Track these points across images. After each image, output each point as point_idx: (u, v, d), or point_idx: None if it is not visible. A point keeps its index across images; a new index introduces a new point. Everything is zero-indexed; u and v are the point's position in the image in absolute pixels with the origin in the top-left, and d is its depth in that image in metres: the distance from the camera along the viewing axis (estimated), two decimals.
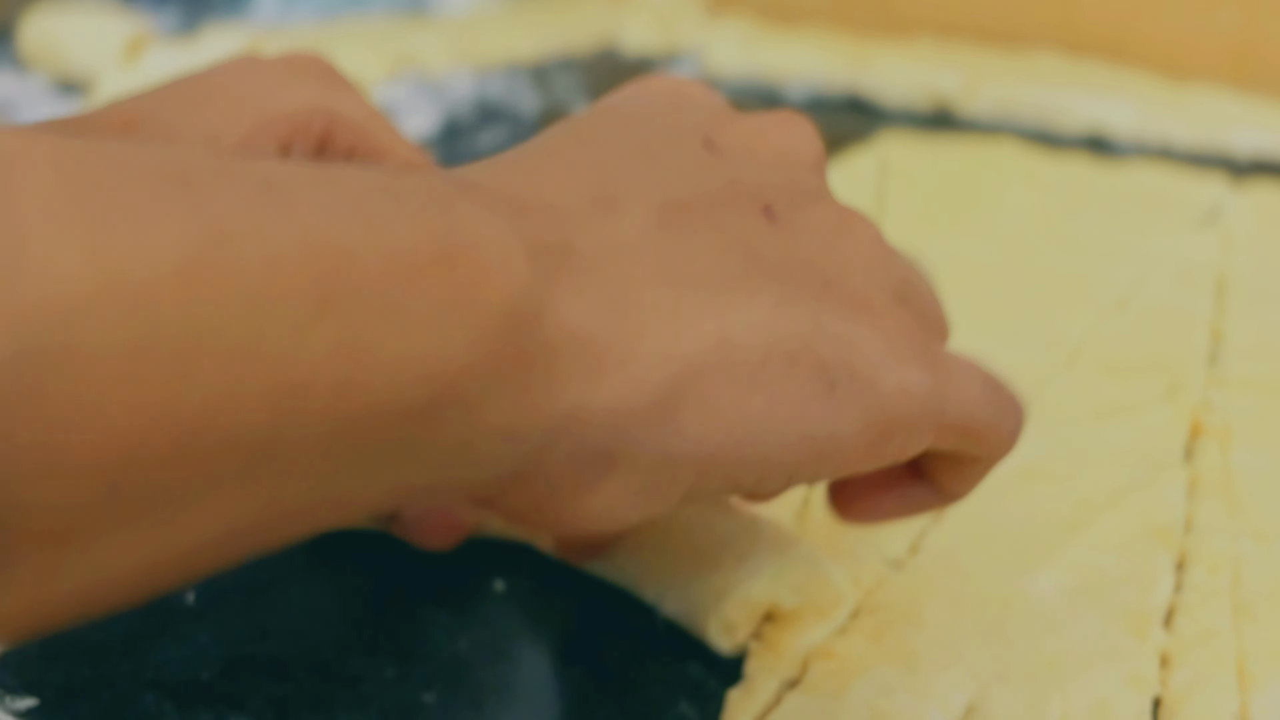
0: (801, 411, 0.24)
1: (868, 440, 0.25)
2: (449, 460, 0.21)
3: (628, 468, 0.23)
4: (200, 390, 0.17)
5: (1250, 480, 0.38)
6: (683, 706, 0.31)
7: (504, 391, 0.21)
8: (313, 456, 0.19)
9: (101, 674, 0.32)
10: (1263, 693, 0.31)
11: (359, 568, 0.36)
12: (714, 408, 0.23)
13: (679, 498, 0.25)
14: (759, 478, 0.25)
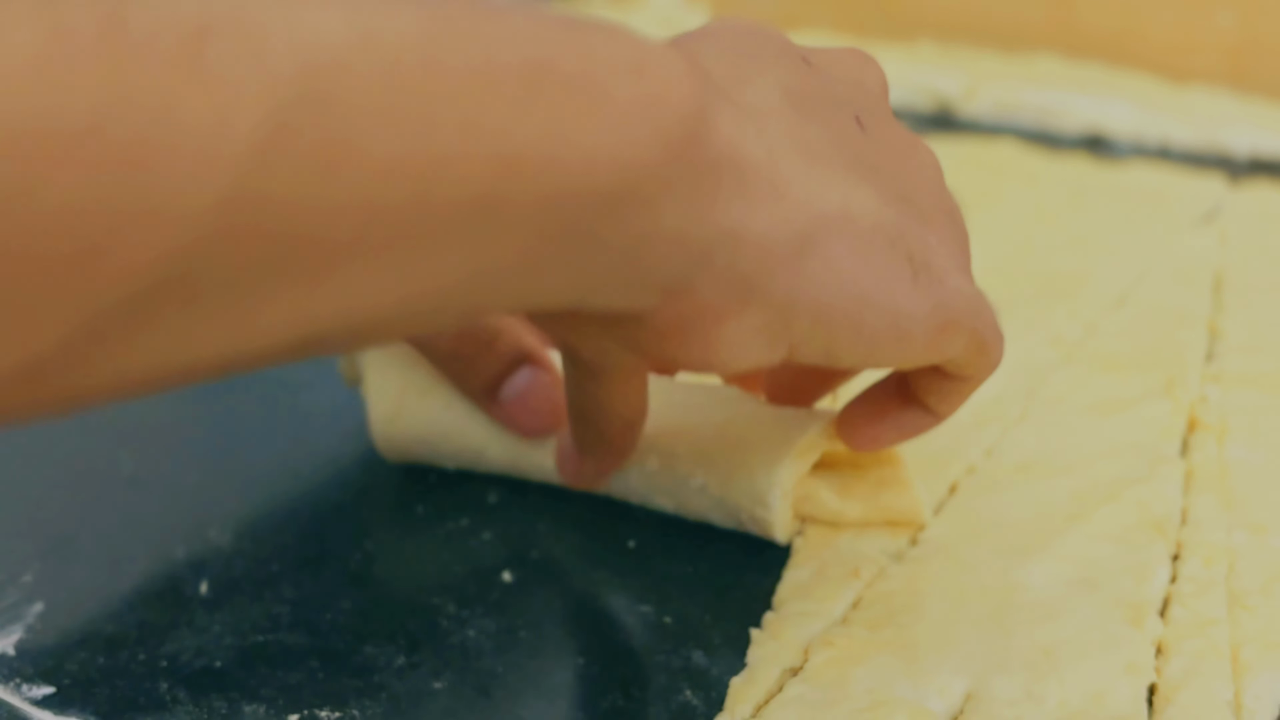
0: (893, 288, 0.27)
1: (931, 329, 0.28)
2: (624, 257, 0.24)
3: (762, 302, 0.26)
4: (436, 147, 0.20)
5: (1245, 474, 0.39)
6: (687, 694, 0.31)
7: (678, 196, 0.24)
8: (518, 227, 0.22)
9: (116, 663, 0.32)
10: (1256, 681, 0.31)
11: (368, 558, 0.36)
12: (834, 265, 0.26)
13: (785, 352, 0.27)
14: (850, 345, 0.27)
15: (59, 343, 0.18)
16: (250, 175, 0.18)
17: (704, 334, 0.26)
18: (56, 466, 0.41)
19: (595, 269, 0.24)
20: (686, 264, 0.25)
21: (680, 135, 0.23)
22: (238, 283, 0.19)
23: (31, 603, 0.34)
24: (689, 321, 0.26)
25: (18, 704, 0.31)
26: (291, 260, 0.19)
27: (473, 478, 0.40)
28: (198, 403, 0.45)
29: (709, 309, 0.26)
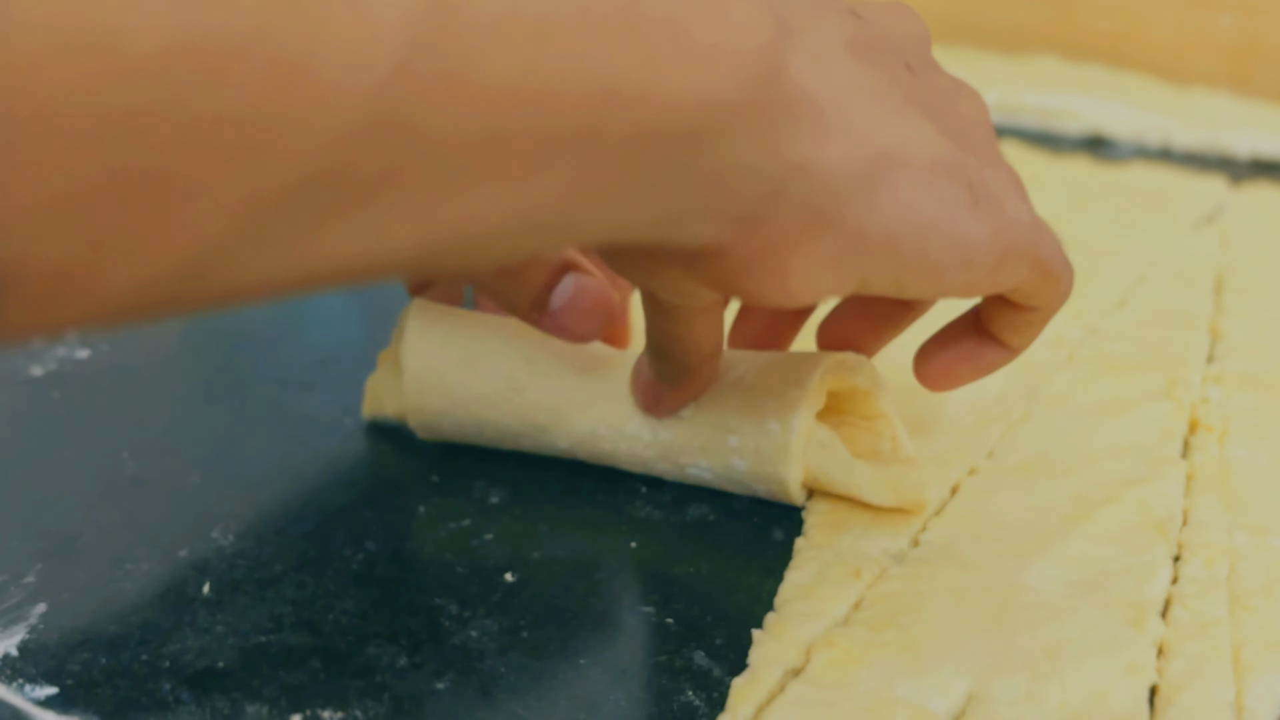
0: (955, 215, 0.29)
1: (995, 256, 0.30)
2: (706, 189, 0.25)
3: (833, 233, 0.27)
4: (543, 77, 0.22)
5: (1247, 475, 0.39)
6: (689, 694, 0.31)
7: (755, 131, 0.25)
8: (613, 156, 0.24)
9: (119, 663, 0.32)
10: (1258, 681, 0.31)
11: (370, 559, 0.36)
12: (900, 195, 0.28)
13: (856, 283, 0.29)
14: (917, 273, 0.29)
15: (220, 236, 0.19)
16: (387, 93, 0.20)
17: (780, 265, 0.27)
18: (60, 467, 0.41)
19: (680, 200, 0.26)
20: (763, 196, 0.26)
21: (757, 74, 0.25)
22: (372, 192, 0.21)
23: (34, 603, 0.34)
24: (765, 254, 0.27)
25: (21, 704, 0.31)
26: (418, 174, 0.21)
27: (475, 478, 0.40)
28: (200, 404, 0.45)
29: (783, 240, 0.27)
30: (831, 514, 0.37)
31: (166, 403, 0.45)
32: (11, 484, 0.40)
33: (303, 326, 0.51)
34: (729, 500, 0.39)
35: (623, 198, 0.25)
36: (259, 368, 0.47)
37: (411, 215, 0.22)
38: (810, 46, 0.28)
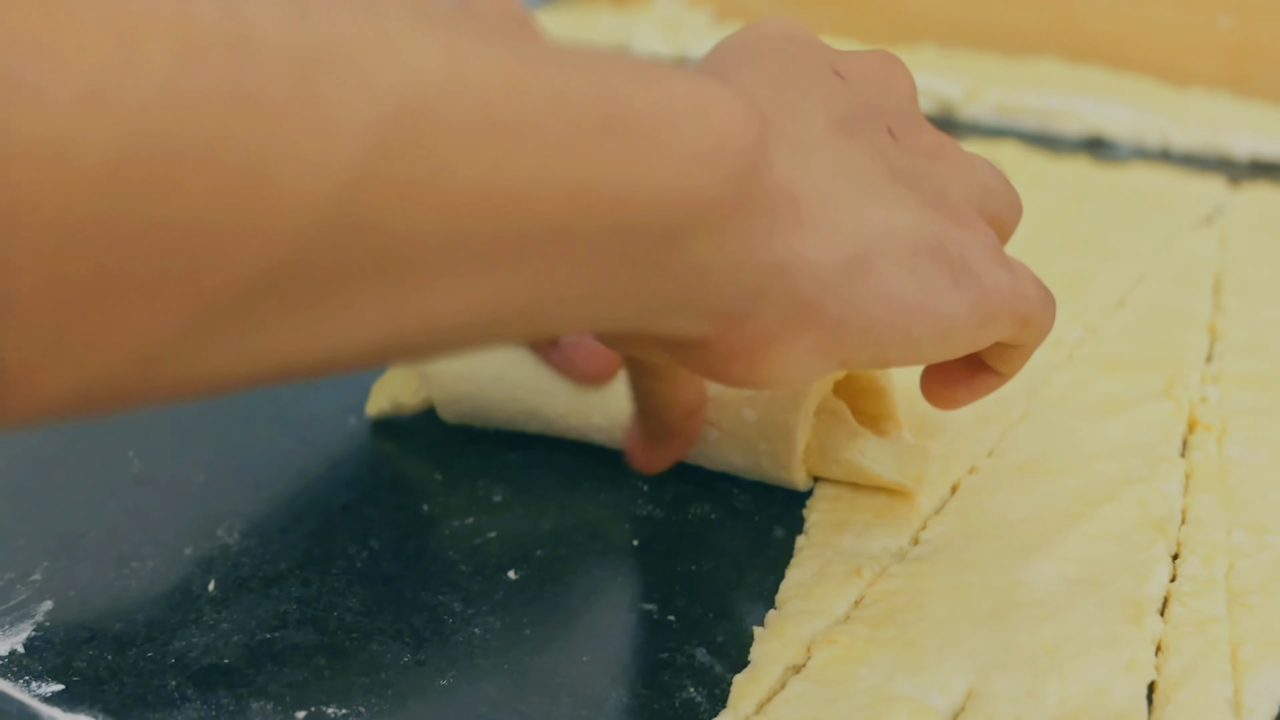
0: (936, 294, 0.29)
1: (974, 325, 0.30)
2: (687, 286, 0.25)
3: (816, 325, 0.27)
4: (517, 177, 0.21)
5: (1245, 474, 0.39)
6: (690, 691, 0.32)
7: (737, 229, 0.25)
8: (589, 256, 0.23)
9: (125, 660, 0.33)
10: (1256, 678, 0.31)
11: (374, 557, 0.36)
12: (882, 283, 0.28)
13: (837, 365, 0.29)
14: (899, 351, 0.29)
15: (169, 334, 0.19)
16: (348, 198, 0.19)
17: (763, 357, 0.28)
18: (66, 466, 0.41)
19: (659, 296, 0.25)
20: (745, 292, 0.26)
21: (741, 173, 0.25)
22: (333, 291, 0.20)
23: (41, 601, 0.35)
24: (747, 347, 0.27)
25: (28, 701, 0.31)
26: (380, 272, 0.21)
27: (478, 476, 0.40)
28: (205, 404, 0.45)
29: (766, 334, 0.27)
30: (832, 513, 0.37)
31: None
32: (18, 483, 0.40)
33: None
34: (730, 499, 0.39)
35: (597, 293, 0.24)
36: None
37: (374, 311, 0.21)
38: (792, 136, 0.28)
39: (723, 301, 0.26)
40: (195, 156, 0.18)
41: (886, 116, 0.31)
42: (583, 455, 0.41)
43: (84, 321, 0.18)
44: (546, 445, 0.42)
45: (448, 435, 0.42)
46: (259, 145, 0.18)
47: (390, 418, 0.43)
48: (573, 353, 0.37)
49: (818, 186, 0.27)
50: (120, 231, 0.18)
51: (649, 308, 0.26)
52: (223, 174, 0.18)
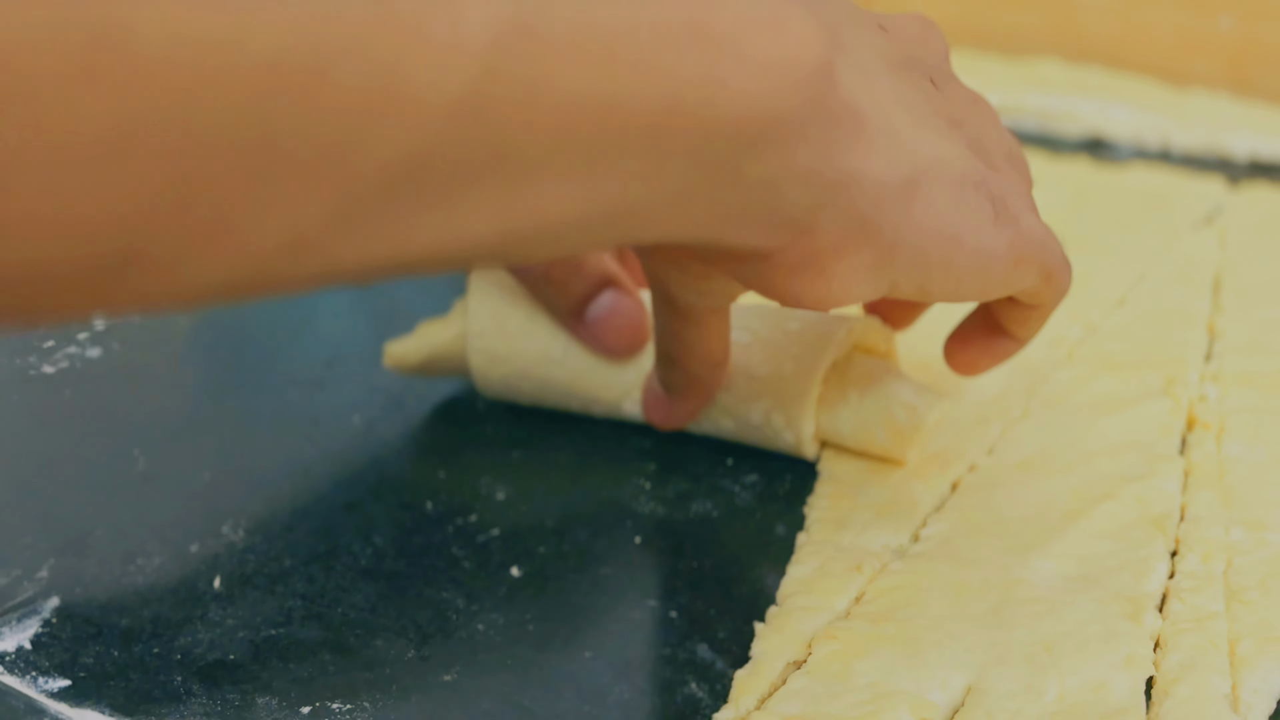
0: (979, 228, 0.31)
1: (1009, 264, 0.31)
2: (761, 194, 0.27)
3: (873, 241, 0.29)
4: (615, 82, 0.23)
5: (1243, 472, 0.39)
6: (692, 686, 0.32)
7: (808, 139, 0.27)
8: (675, 159, 0.25)
9: (131, 656, 0.33)
10: (1253, 674, 0.31)
11: (378, 554, 0.37)
12: (932, 208, 0.30)
13: (887, 287, 0.30)
14: (941, 280, 0.31)
15: (316, 222, 0.21)
16: (474, 94, 0.22)
17: (823, 271, 0.29)
18: (72, 464, 0.41)
19: (735, 204, 0.27)
20: (813, 202, 0.28)
21: (812, 85, 0.27)
22: (457, 185, 0.23)
23: (47, 597, 0.35)
24: (810, 259, 0.29)
25: (35, 696, 0.32)
26: (498, 169, 0.23)
27: (481, 474, 0.40)
28: (210, 402, 0.45)
29: (829, 246, 0.29)
30: (833, 510, 0.38)
31: (177, 401, 0.46)
32: (25, 480, 0.40)
33: (311, 327, 0.51)
34: (732, 497, 0.39)
35: (682, 199, 0.26)
36: (268, 366, 0.48)
37: (491, 207, 0.23)
38: (856, 61, 0.29)
39: (791, 211, 0.28)
40: (344, 51, 0.20)
41: (927, 68, 0.32)
42: (585, 454, 0.42)
43: (242, 206, 0.20)
44: (548, 444, 0.42)
45: (451, 434, 0.43)
46: (399, 41, 0.20)
47: (385, 421, 0.43)
48: (599, 328, 0.40)
49: (878, 108, 0.29)
50: (277, 120, 0.20)
51: (724, 215, 0.27)
52: (368, 69, 0.20)
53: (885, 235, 0.29)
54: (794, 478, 0.40)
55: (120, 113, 0.18)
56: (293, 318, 0.52)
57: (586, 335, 0.40)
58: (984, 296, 0.33)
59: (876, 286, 0.30)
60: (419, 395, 0.45)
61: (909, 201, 0.29)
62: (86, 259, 0.19)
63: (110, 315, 0.32)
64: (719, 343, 0.37)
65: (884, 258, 0.29)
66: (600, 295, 0.40)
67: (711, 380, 0.38)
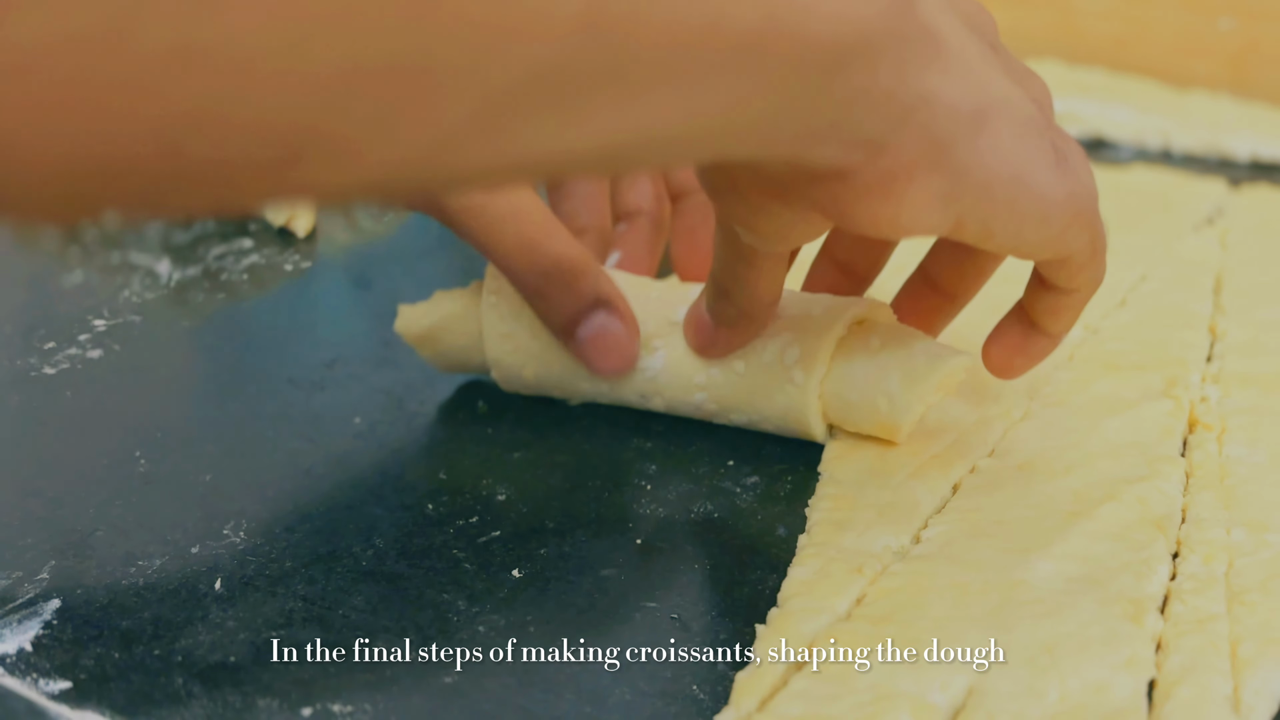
0: (1042, 171, 0.32)
1: (1066, 218, 0.33)
2: (844, 109, 0.28)
3: (945, 168, 0.30)
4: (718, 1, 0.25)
5: (1245, 473, 0.39)
6: (693, 688, 0.32)
7: (890, 57, 0.28)
8: (773, 69, 0.27)
9: (132, 658, 0.33)
10: (1255, 676, 0.31)
11: (379, 555, 0.37)
12: (1000, 143, 0.31)
13: (953, 223, 0.32)
14: (1004, 221, 0.32)
15: (459, 124, 0.23)
16: (590, 9, 0.23)
17: (895, 194, 0.30)
18: (73, 465, 0.41)
19: (820, 120, 0.29)
20: (890, 121, 0.29)
21: (895, 6, 0.28)
22: (578, 91, 0.24)
23: (48, 599, 0.35)
24: (884, 181, 0.30)
25: (35, 699, 0.32)
26: (615, 80, 0.25)
27: (482, 476, 0.40)
28: (211, 404, 0.46)
29: (902, 169, 0.30)
30: (834, 511, 0.38)
31: (178, 402, 0.46)
32: (25, 482, 0.40)
33: (312, 329, 0.51)
34: (733, 498, 0.39)
35: (774, 114, 0.28)
36: (269, 368, 0.48)
37: (605, 118, 0.25)
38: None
39: (870, 128, 0.29)
40: None
41: (989, 35, 0.34)
42: (586, 456, 0.42)
43: (401, 101, 0.22)
44: (549, 446, 0.42)
45: (452, 436, 0.43)
46: None
47: (386, 423, 0.43)
48: (588, 347, 0.41)
49: (954, 36, 0.30)
50: (433, 20, 0.22)
51: (809, 132, 0.29)
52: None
53: (955, 162, 0.30)
54: (795, 479, 0.40)
55: (301, 23, 0.20)
56: (294, 320, 0.52)
57: (577, 352, 0.41)
58: (1041, 250, 0.34)
59: (944, 218, 0.31)
60: (420, 397, 0.45)
61: (978, 132, 0.30)
62: (271, 152, 0.22)
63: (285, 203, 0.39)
64: (773, 286, 0.38)
65: (953, 187, 0.30)
66: (592, 315, 0.40)
67: (762, 318, 0.39)
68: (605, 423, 0.43)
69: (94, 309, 0.52)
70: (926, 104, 0.29)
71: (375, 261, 0.58)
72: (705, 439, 0.42)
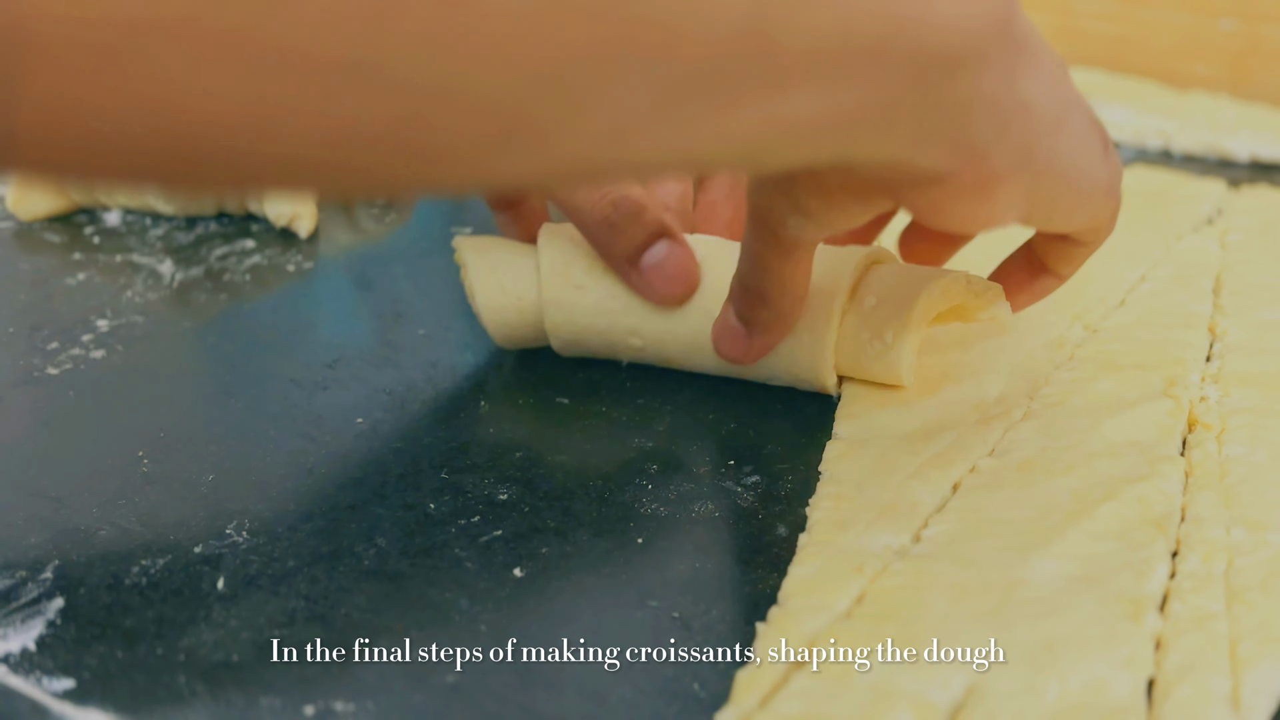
0: (1097, 162, 0.35)
1: (1104, 197, 0.36)
2: (952, 114, 0.30)
3: (1031, 168, 0.32)
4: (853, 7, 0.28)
5: (1244, 472, 0.39)
6: (694, 687, 0.32)
7: (996, 65, 0.30)
8: (894, 74, 0.29)
9: (135, 657, 0.33)
10: (1254, 674, 0.31)
11: (382, 555, 0.37)
12: (1073, 140, 0.34)
13: (1026, 214, 0.34)
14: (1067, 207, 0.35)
15: (638, 112, 0.25)
16: (754, 13, 0.26)
17: (990, 194, 0.32)
18: (76, 465, 0.41)
19: (932, 125, 0.30)
20: (994, 127, 0.31)
21: (1000, 17, 0.30)
22: (735, 89, 0.26)
23: (52, 598, 0.35)
24: (980, 183, 0.32)
25: (39, 697, 0.32)
26: (765, 79, 0.27)
27: (484, 474, 0.40)
28: (214, 404, 0.46)
29: (997, 172, 0.32)
30: (835, 511, 0.38)
31: (181, 402, 0.46)
32: (29, 482, 0.41)
33: (314, 328, 0.52)
34: (734, 498, 0.39)
35: (890, 115, 0.29)
36: (271, 368, 0.48)
37: (755, 113, 0.27)
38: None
39: (974, 134, 0.31)
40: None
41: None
42: (587, 456, 0.42)
43: (594, 88, 0.25)
44: (550, 445, 0.42)
45: (453, 435, 0.43)
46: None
47: (388, 423, 0.43)
48: (652, 275, 0.43)
49: (1039, 43, 0.32)
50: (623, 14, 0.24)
51: (920, 134, 0.30)
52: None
53: (1038, 163, 0.32)
54: (795, 479, 0.40)
55: (528, 6, 0.23)
56: (296, 320, 0.52)
57: (640, 281, 0.43)
58: (1082, 225, 0.37)
59: (1019, 212, 0.34)
60: (422, 397, 0.45)
61: (1058, 133, 0.33)
62: (489, 132, 0.24)
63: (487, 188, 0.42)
64: (805, 277, 0.40)
65: (1034, 184, 0.33)
66: (656, 244, 0.43)
67: (793, 315, 0.42)
68: (606, 423, 0.43)
69: (97, 309, 0.53)
70: (1024, 110, 0.31)
71: (377, 262, 0.58)
72: (706, 439, 0.43)
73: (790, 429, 0.43)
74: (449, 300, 0.54)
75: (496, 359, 0.48)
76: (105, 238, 0.60)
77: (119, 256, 0.58)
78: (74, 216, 0.63)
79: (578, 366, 0.47)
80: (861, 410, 0.43)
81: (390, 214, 0.64)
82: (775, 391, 0.45)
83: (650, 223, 0.43)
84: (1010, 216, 0.34)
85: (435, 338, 0.50)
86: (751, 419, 0.44)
